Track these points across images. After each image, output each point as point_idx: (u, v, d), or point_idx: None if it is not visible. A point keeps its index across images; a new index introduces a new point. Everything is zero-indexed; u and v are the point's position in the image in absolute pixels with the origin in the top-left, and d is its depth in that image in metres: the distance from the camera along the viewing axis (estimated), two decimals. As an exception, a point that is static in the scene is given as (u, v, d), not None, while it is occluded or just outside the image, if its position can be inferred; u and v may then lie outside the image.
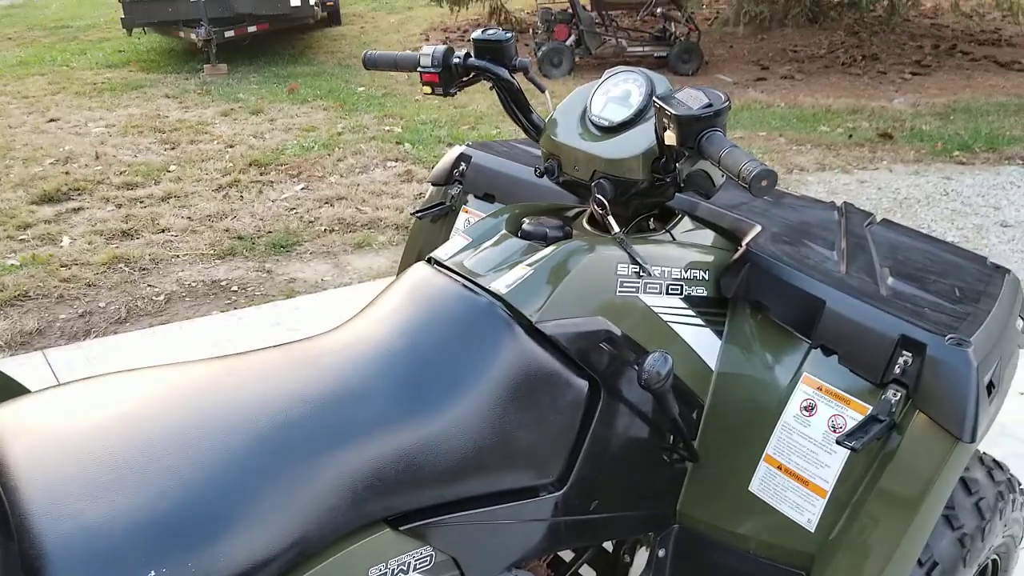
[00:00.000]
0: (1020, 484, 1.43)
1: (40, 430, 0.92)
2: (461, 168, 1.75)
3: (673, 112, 1.05)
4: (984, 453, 1.41)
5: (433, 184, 1.81)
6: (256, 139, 5.67)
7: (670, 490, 1.30)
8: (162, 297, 3.34)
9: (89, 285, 3.43)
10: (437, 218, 1.78)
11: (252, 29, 8.18)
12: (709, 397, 1.29)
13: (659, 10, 7.71)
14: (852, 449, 1.06)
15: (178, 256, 3.73)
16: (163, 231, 4.01)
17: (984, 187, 4.52)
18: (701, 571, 1.29)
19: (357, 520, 0.97)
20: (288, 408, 0.97)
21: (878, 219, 1.52)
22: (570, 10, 7.54)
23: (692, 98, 1.07)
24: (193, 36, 7.76)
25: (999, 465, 1.40)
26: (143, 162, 5.13)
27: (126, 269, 3.58)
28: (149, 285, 3.44)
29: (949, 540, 1.25)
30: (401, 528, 1.01)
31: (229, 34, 7.96)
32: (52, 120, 6.24)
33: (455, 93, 1.41)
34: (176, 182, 4.74)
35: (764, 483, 1.21)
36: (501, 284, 1.14)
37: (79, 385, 1.01)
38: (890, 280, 1.24)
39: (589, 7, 7.73)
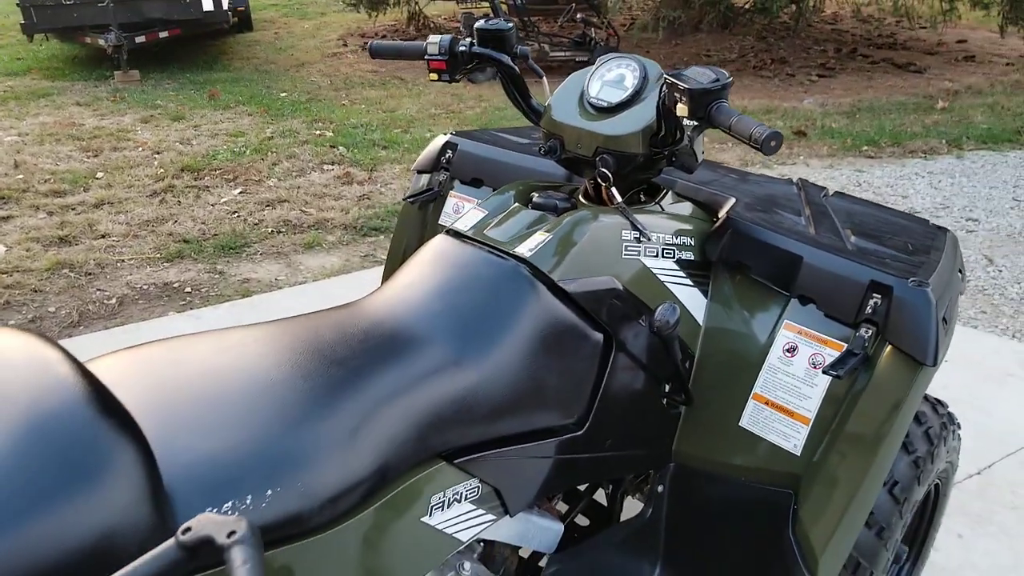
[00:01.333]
0: (956, 419, 1.64)
1: (146, 378, 0.99)
2: (448, 155, 1.86)
3: (686, 86, 1.20)
4: (927, 393, 1.61)
5: (419, 172, 1.91)
6: (183, 145, 5.58)
7: (668, 432, 1.44)
8: (114, 300, 3.29)
9: (35, 291, 3.34)
10: (424, 203, 1.89)
11: (164, 35, 8.01)
12: (698, 349, 1.44)
13: (579, 16, 7.96)
14: (836, 376, 1.23)
15: (124, 260, 3.67)
16: (103, 236, 3.93)
17: (892, 178, 4.90)
18: (697, 502, 1.44)
19: (420, 453, 1.07)
20: (353, 359, 1.07)
21: (831, 192, 1.71)
22: (491, 15, 7.69)
23: (700, 74, 1.22)
24: (101, 42, 7.54)
25: (940, 402, 1.61)
26: (67, 169, 4.98)
27: (71, 274, 3.50)
28: (98, 289, 3.38)
29: (906, 462, 1.44)
30: (455, 462, 1.12)
31: (140, 40, 7.77)
32: (-43, 130, 5.97)
33: (459, 79, 1.52)
34: (107, 188, 4.63)
35: (753, 417, 1.37)
36: (524, 248, 1.26)
37: (165, 342, 1.08)
38: (853, 238, 1.42)
39: (508, 12, 7.90)
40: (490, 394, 1.14)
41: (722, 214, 1.48)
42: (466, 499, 1.15)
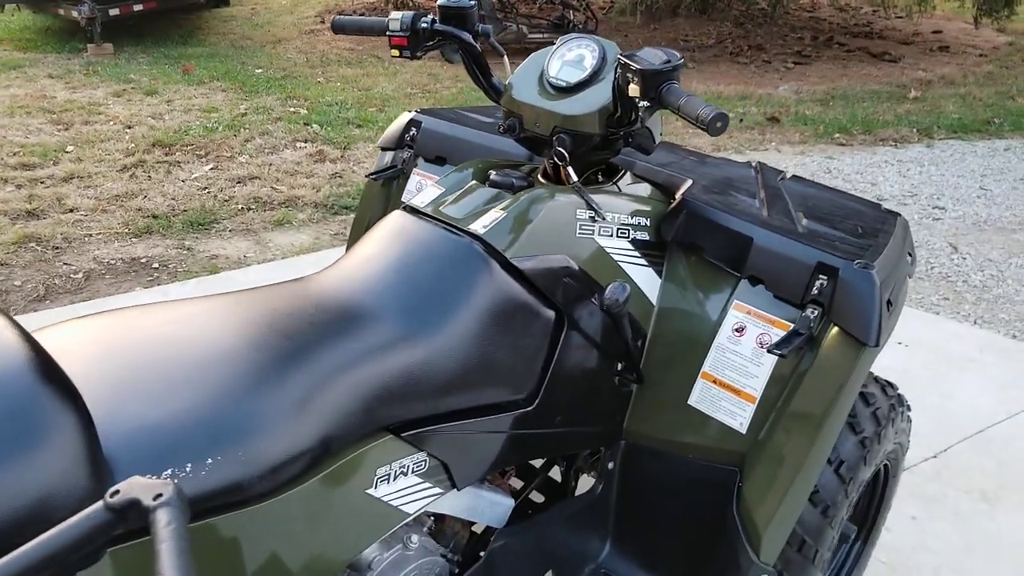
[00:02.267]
0: (906, 400, 1.68)
1: (93, 347, 1.00)
2: (412, 133, 1.86)
3: (638, 67, 1.21)
4: (877, 376, 1.65)
5: (383, 148, 1.91)
6: (155, 120, 5.51)
7: (619, 410, 1.46)
8: (80, 275, 3.27)
9: (1, 264, 3.30)
10: (388, 180, 1.89)
11: (138, 8, 7.86)
12: (651, 329, 1.46)
13: (558, -2, 7.94)
14: (780, 356, 1.25)
15: (91, 235, 3.63)
16: (71, 211, 3.89)
17: (862, 165, 4.96)
18: (646, 479, 1.47)
19: (367, 425, 1.09)
20: (304, 331, 1.08)
21: (788, 175, 1.73)
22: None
23: (653, 55, 1.23)
24: (75, 14, 7.39)
25: (890, 384, 1.64)
26: (37, 143, 4.91)
27: (38, 248, 3.47)
28: (65, 263, 3.35)
29: (853, 442, 1.47)
30: (402, 435, 1.13)
31: (114, 12, 7.62)
32: (-77, 101, 5.85)
33: (421, 56, 1.52)
34: (77, 163, 4.57)
35: (701, 396, 1.40)
36: (478, 225, 1.27)
37: (116, 313, 1.09)
38: (804, 221, 1.45)
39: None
40: (439, 369, 1.16)
41: (678, 195, 1.50)
42: (413, 472, 1.17)
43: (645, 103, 1.25)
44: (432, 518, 1.36)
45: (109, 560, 0.85)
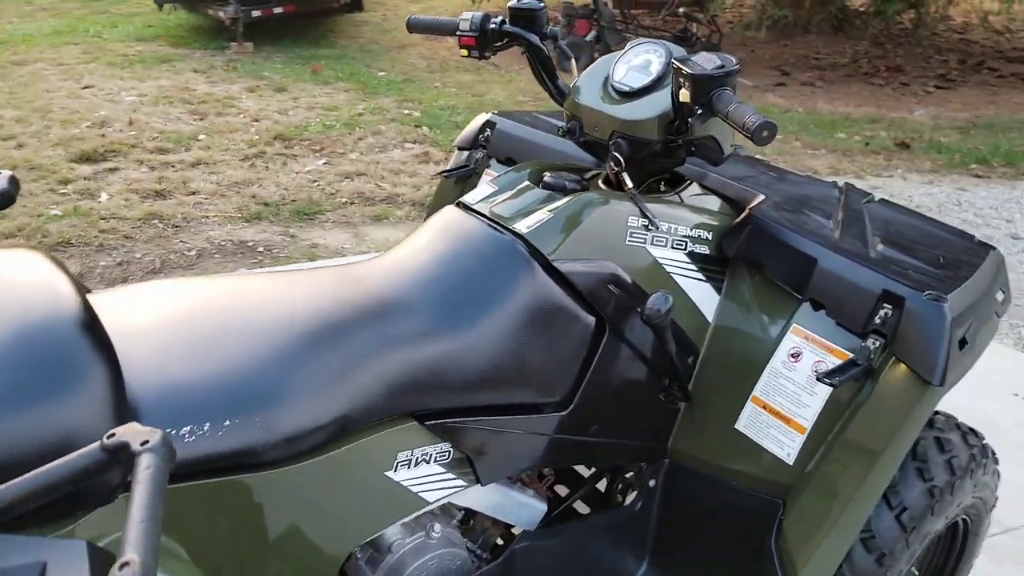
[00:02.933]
0: (994, 453, 1.53)
1: (139, 309, 1.08)
2: (486, 134, 1.87)
3: (689, 71, 1.17)
4: (961, 422, 1.51)
5: (459, 148, 1.93)
6: (280, 115, 5.80)
7: (664, 427, 1.41)
8: (193, 252, 3.50)
9: (126, 237, 3.60)
10: (461, 180, 1.90)
11: (278, 10, 8.30)
12: (705, 347, 1.40)
13: (681, 10, 7.80)
14: (831, 385, 1.17)
15: (208, 217, 3.87)
16: (193, 193, 4.16)
17: (998, 200, 4.59)
18: (688, 500, 1.40)
19: (390, 410, 1.10)
20: (341, 314, 1.12)
21: (876, 198, 1.62)
22: (592, 6, 7.63)
23: (706, 60, 1.18)
24: (221, 14, 7.90)
25: (974, 432, 1.50)
26: (174, 130, 5.27)
27: (160, 225, 3.74)
28: (181, 241, 3.60)
29: (920, 490, 1.35)
30: (427, 423, 1.14)
31: (256, 14, 8.09)
32: (87, 87, 6.37)
33: (489, 57, 1.53)
34: (205, 150, 4.88)
35: (750, 421, 1.32)
36: (523, 225, 1.25)
37: (169, 281, 1.17)
38: (880, 247, 1.35)
39: (611, 4, 7.81)
40: (469, 363, 1.16)
41: (746, 210, 1.43)
42: (435, 461, 1.17)
43: (699, 110, 1.19)
44: (462, 512, 1.35)
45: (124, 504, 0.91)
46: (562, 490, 1.63)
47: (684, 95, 1.19)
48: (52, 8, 10.25)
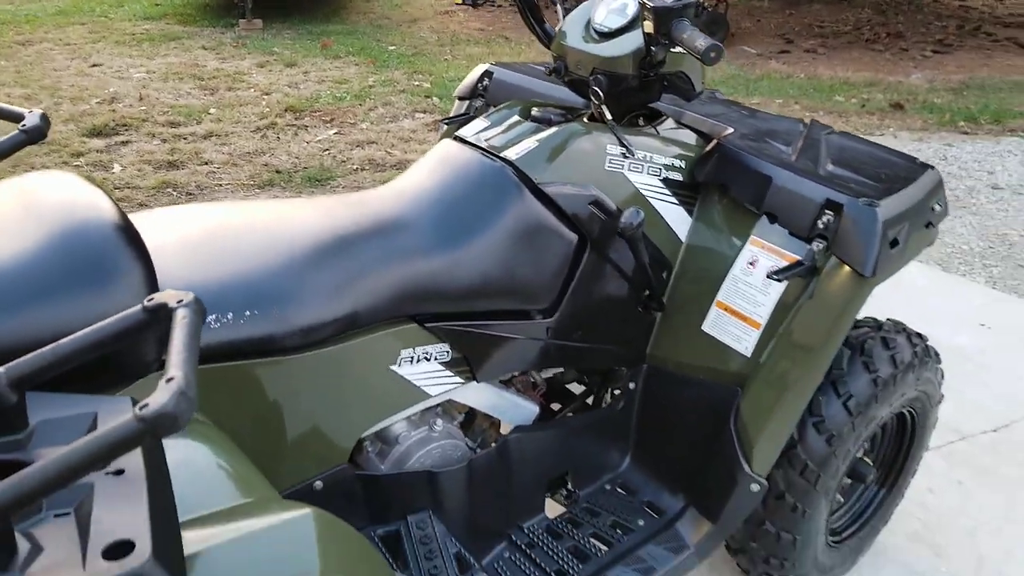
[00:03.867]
0: (937, 353, 1.71)
1: (173, 222, 1.24)
2: (484, 83, 2.04)
3: (652, 5, 1.34)
4: (908, 327, 1.69)
5: (459, 98, 2.10)
6: (291, 88, 5.96)
7: (642, 335, 1.59)
8: (209, 216, 3.68)
9: (141, 205, 3.76)
10: (460, 126, 2.07)
11: (288, -14, 8.46)
12: (678, 263, 1.58)
13: (685, -20, 7.87)
14: (778, 281, 1.35)
15: (221, 184, 4.05)
16: (206, 163, 4.33)
17: (982, 154, 4.73)
18: (663, 398, 1.59)
19: (393, 312, 1.27)
20: (351, 231, 1.28)
21: (836, 131, 1.78)
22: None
23: None
24: (230, -9, 8.06)
25: (919, 335, 1.68)
26: (184, 104, 5.44)
27: (174, 193, 3.92)
28: (196, 206, 3.77)
29: (865, 380, 1.53)
30: (426, 326, 1.32)
31: (265, -10, 8.23)
32: (95, 65, 6.54)
33: (482, 4, 1.70)
34: (216, 123, 5.05)
35: (714, 322, 1.50)
36: (512, 153, 1.43)
37: (193, 205, 1.33)
38: (829, 166, 1.52)
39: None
40: (464, 275, 1.33)
41: (715, 140, 1.60)
42: (435, 359, 1.35)
43: (663, 40, 1.36)
44: (462, 415, 1.54)
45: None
46: (555, 408, 1.82)
47: (648, 27, 1.36)
48: (57, -12, 10.40)
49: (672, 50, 1.44)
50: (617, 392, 1.77)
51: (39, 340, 0.85)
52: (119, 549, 0.65)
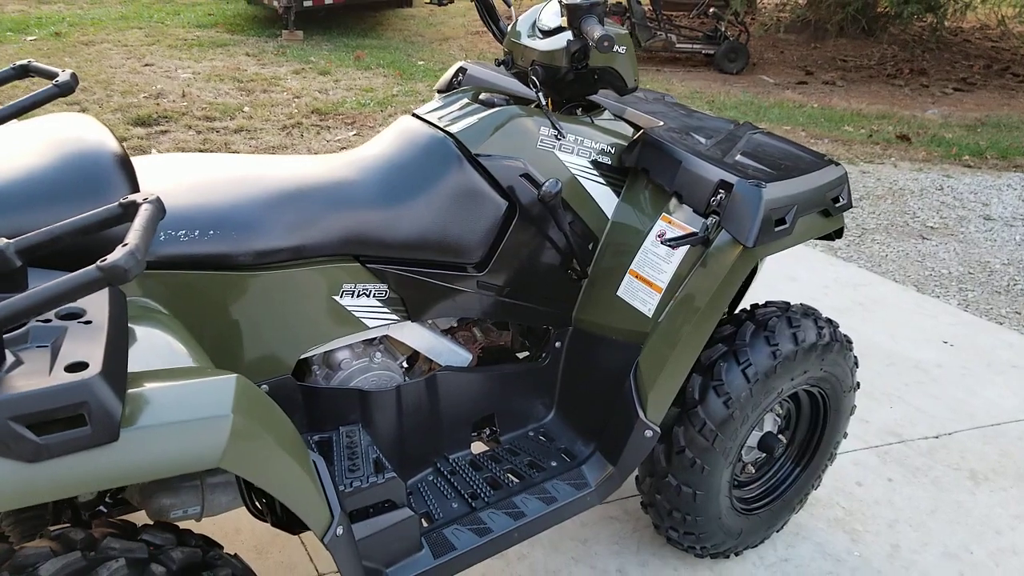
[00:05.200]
0: (849, 340, 1.86)
1: (166, 162, 1.49)
2: (459, 78, 2.26)
3: (565, 2, 1.54)
4: (819, 313, 1.84)
5: (438, 92, 2.32)
6: (320, 94, 6.27)
7: (569, 299, 1.78)
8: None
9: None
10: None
11: (329, 1, 8.85)
12: (604, 237, 1.77)
13: (712, 10, 8.09)
14: (670, 246, 1.54)
15: (242, 173, 4.34)
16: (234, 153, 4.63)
17: (980, 187, 4.82)
18: (583, 356, 1.77)
19: (339, 250, 1.49)
20: (308, 180, 1.51)
21: (763, 130, 1.96)
22: (624, 2, 7.96)
23: None
24: (275, 3, 8.46)
25: (830, 322, 1.83)
26: (221, 102, 5.77)
27: (198, 177, 4.21)
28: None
29: (765, 353, 1.69)
30: (368, 266, 1.53)
31: (307, 3, 8.62)
32: (147, 65, 6.95)
33: (448, 3, 1.92)
34: (248, 120, 5.36)
35: (627, 288, 1.69)
36: (455, 127, 1.64)
37: (182, 154, 1.57)
38: (738, 156, 1.70)
39: (644, 2, 8.14)
40: (404, 227, 1.54)
41: (642, 130, 1.79)
42: (374, 296, 1.56)
43: (577, 32, 1.56)
44: (404, 357, 1.74)
45: (154, 280, 1.31)
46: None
47: (563, 22, 1.57)
48: (120, -5, 10.97)
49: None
50: (545, 353, 1.96)
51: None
52: (77, 366, 0.90)
